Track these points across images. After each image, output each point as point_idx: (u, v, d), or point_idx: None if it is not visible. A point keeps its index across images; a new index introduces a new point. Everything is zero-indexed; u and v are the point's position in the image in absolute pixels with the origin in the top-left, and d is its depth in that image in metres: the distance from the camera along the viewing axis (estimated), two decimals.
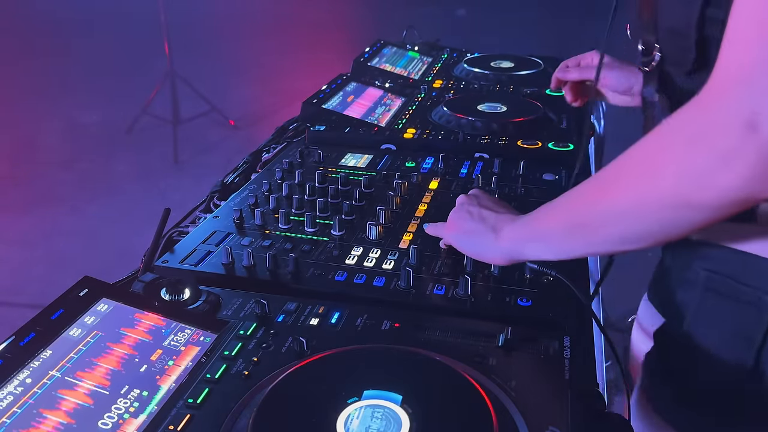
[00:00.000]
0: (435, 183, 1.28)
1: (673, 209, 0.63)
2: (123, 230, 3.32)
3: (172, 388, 0.74)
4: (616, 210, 0.68)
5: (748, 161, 0.56)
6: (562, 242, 0.77)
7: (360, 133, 1.53)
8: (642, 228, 0.68)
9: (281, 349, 0.80)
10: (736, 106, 0.56)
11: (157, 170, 4.11)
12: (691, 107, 0.61)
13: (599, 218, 0.71)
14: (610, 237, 0.71)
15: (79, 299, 0.85)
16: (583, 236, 0.74)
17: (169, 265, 1.00)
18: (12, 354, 0.75)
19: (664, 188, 0.63)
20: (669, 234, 0.68)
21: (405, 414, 0.68)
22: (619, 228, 0.70)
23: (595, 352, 0.93)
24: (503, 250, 0.85)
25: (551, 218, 0.79)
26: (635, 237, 0.69)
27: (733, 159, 0.57)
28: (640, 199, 0.65)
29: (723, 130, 0.57)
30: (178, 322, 0.84)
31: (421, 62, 2.14)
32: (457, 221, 0.93)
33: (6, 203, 3.66)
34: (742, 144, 0.56)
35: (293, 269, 0.97)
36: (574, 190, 0.75)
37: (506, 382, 0.74)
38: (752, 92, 0.55)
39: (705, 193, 0.60)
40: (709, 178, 0.59)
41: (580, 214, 0.74)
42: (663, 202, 0.63)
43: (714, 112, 0.58)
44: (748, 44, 0.56)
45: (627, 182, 0.67)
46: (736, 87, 0.57)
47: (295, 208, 1.16)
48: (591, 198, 0.72)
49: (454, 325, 0.85)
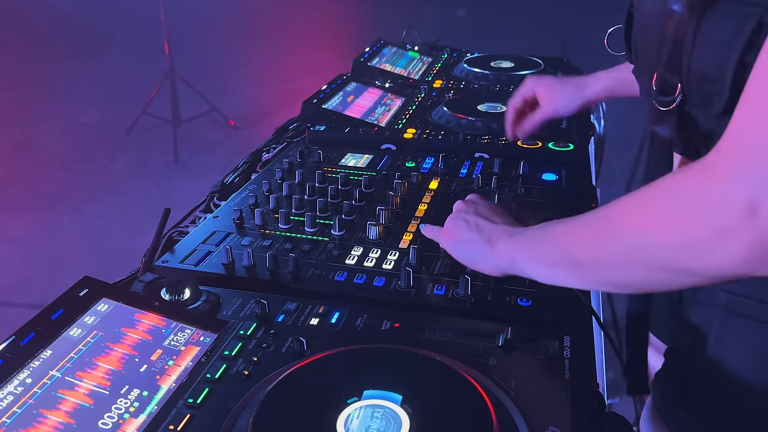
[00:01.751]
0: (435, 183, 1.28)
1: (665, 271, 0.64)
2: (123, 230, 3.33)
3: (172, 388, 0.74)
4: (610, 259, 0.69)
5: (745, 243, 0.56)
6: (553, 272, 0.77)
7: (360, 133, 1.53)
8: (632, 280, 0.69)
9: (281, 349, 0.80)
10: (738, 186, 0.55)
11: (157, 170, 4.11)
12: (697, 175, 0.60)
13: (591, 262, 0.71)
14: (600, 280, 0.73)
15: (79, 299, 0.85)
16: (574, 273, 0.74)
17: (169, 265, 1.00)
18: (12, 354, 0.75)
19: (659, 250, 0.63)
20: (661, 288, 0.70)
21: (405, 414, 0.68)
22: (609, 275, 0.70)
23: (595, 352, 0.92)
24: (497, 263, 0.84)
25: (545, 246, 0.78)
26: (626, 286, 0.71)
27: (730, 239, 0.56)
28: (634, 255, 0.66)
29: (724, 208, 0.56)
30: (178, 322, 0.84)
31: (421, 62, 2.14)
32: (453, 229, 0.92)
33: (6, 203, 3.66)
34: (740, 225, 0.55)
35: (293, 269, 0.97)
36: (572, 223, 0.74)
37: (506, 382, 0.74)
38: (756, 177, 0.54)
39: (698, 265, 0.60)
40: (704, 252, 0.59)
41: (573, 252, 0.73)
42: (656, 262, 0.64)
43: (717, 188, 0.57)
44: (758, 126, 0.55)
45: (623, 234, 0.67)
46: (741, 167, 0.56)
47: (295, 208, 1.16)
48: (586, 240, 0.72)
49: (454, 325, 0.85)
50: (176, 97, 4.44)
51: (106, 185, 3.90)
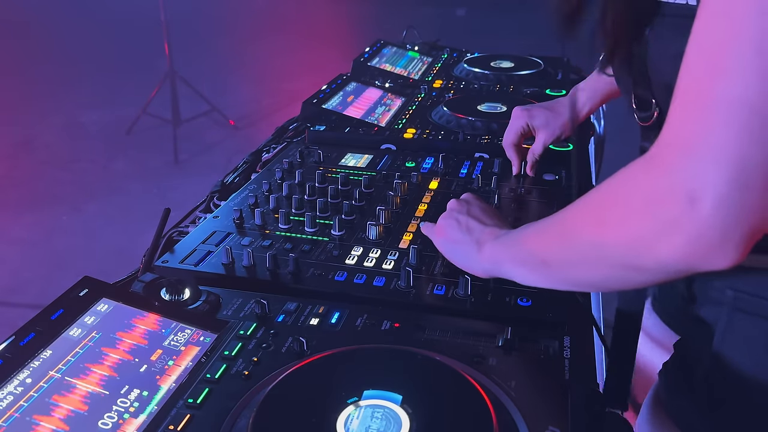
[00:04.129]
0: (435, 183, 1.28)
1: (620, 269, 0.64)
2: (123, 230, 3.33)
3: (172, 388, 0.74)
4: (571, 258, 0.70)
5: (687, 235, 0.55)
6: (527, 273, 0.78)
7: (360, 133, 1.53)
8: (594, 279, 0.70)
9: (281, 349, 0.80)
10: (677, 178, 0.55)
11: (157, 170, 4.11)
12: (640, 167, 0.61)
13: (556, 262, 0.73)
14: (566, 279, 0.73)
15: (79, 299, 0.85)
16: (543, 273, 0.75)
17: (169, 265, 1.00)
18: (12, 354, 0.75)
19: (609, 248, 0.64)
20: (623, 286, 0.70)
21: (405, 414, 0.68)
22: (574, 274, 0.71)
23: (595, 352, 0.92)
24: (483, 266, 0.85)
25: (519, 248, 0.80)
26: (591, 284, 0.72)
27: (673, 230, 0.56)
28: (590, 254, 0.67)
29: (665, 200, 0.56)
30: (178, 322, 0.84)
31: (421, 62, 2.14)
32: (444, 228, 0.93)
33: (6, 203, 3.66)
34: (681, 217, 0.55)
35: (293, 269, 0.97)
36: (539, 225, 0.76)
37: (506, 382, 0.74)
38: (693, 166, 0.54)
39: (647, 260, 0.60)
40: (649, 246, 0.59)
41: (539, 253, 0.75)
42: (609, 260, 0.65)
43: (659, 180, 0.58)
44: (690, 117, 0.55)
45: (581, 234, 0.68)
46: (680, 157, 0.56)
47: (295, 208, 1.16)
48: (550, 242, 0.74)
49: (454, 325, 0.85)
50: (176, 97, 4.44)
51: (106, 185, 3.90)
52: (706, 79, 0.54)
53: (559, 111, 1.28)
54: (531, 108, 1.29)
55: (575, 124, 1.27)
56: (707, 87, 0.54)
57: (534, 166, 1.29)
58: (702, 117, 0.54)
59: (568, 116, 1.26)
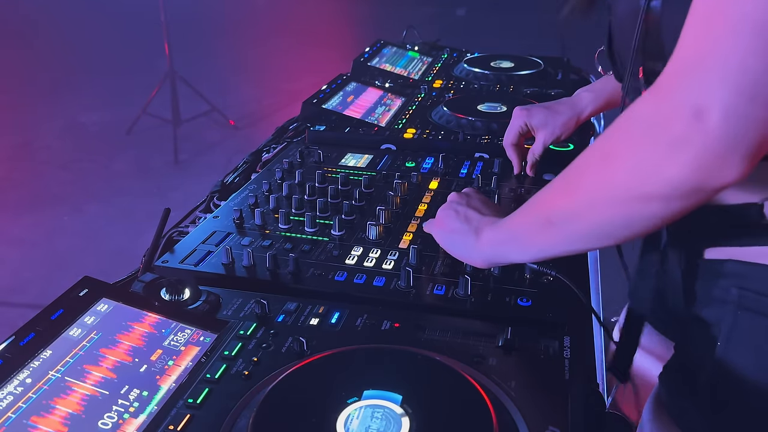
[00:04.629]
0: (435, 183, 1.28)
1: (626, 203, 0.63)
2: (123, 230, 3.33)
3: (172, 388, 0.74)
4: (576, 207, 0.69)
5: (695, 150, 0.56)
6: (533, 242, 0.77)
7: (360, 133, 1.53)
8: (602, 224, 0.68)
9: (281, 349, 0.80)
10: (683, 96, 0.56)
11: (157, 170, 4.11)
12: (645, 97, 0.61)
13: (562, 215, 0.72)
14: (574, 233, 0.72)
15: (79, 299, 0.85)
16: (551, 234, 0.74)
17: (169, 265, 1.00)
18: (12, 354, 0.75)
19: (616, 182, 0.63)
20: (630, 230, 0.68)
21: (405, 414, 0.68)
22: (581, 224, 0.70)
23: (595, 352, 0.93)
24: (482, 253, 0.85)
25: (522, 218, 0.79)
26: (598, 233, 0.70)
27: (680, 148, 0.57)
28: (595, 195, 0.66)
29: (670, 120, 0.57)
30: (178, 322, 0.84)
31: (421, 62, 2.14)
32: (443, 219, 0.93)
33: (6, 203, 3.66)
34: (688, 133, 0.56)
35: (293, 269, 0.97)
36: (543, 189, 0.76)
37: (506, 382, 0.74)
38: (699, 82, 0.55)
39: (653, 184, 0.60)
40: (656, 169, 0.59)
41: (545, 211, 0.74)
42: (615, 196, 0.64)
43: (663, 102, 0.58)
44: (697, 36, 0.57)
45: (583, 178, 0.68)
46: (684, 77, 0.57)
47: (295, 208, 1.16)
48: (554, 196, 0.73)
49: (454, 325, 0.85)
50: (176, 97, 4.44)
51: (107, 185, 3.90)
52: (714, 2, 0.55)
53: (559, 111, 1.27)
54: (530, 108, 1.28)
55: (577, 124, 1.26)
56: (715, 8, 0.55)
57: (534, 166, 1.29)
58: (709, 35, 0.55)
59: (568, 116, 1.26)
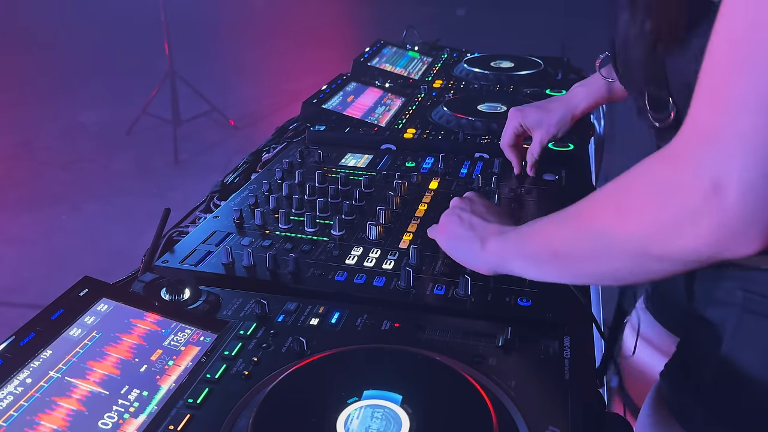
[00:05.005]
0: (435, 183, 1.28)
1: (636, 258, 0.64)
2: (123, 230, 3.33)
3: (172, 388, 0.74)
4: (583, 251, 0.70)
5: (711, 223, 0.56)
6: (539, 267, 0.78)
7: (360, 133, 1.53)
8: (608, 271, 0.69)
9: (281, 349, 0.80)
10: (701, 167, 0.56)
11: (157, 170, 4.11)
12: (662, 158, 0.61)
13: (569, 254, 0.72)
14: (581, 272, 0.73)
15: (79, 299, 0.85)
16: (555, 266, 0.75)
17: (169, 265, 1.00)
18: (12, 354, 0.75)
19: (628, 237, 0.64)
20: (634, 279, 0.69)
21: (405, 414, 0.68)
22: (586, 266, 0.71)
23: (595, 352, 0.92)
24: (488, 262, 0.85)
25: (529, 241, 0.79)
26: (604, 276, 0.71)
27: (696, 219, 0.57)
28: (605, 244, 0.67)
29: (690, 190, 0.57)
30: (178, 322, 0.84)
31: (421, 62, 2.14)
32: (447, 225, 0.93)
33: (6, 203, 3.66)
34: (705, 205, 0.56)
35: (293, 269, 0.97)
36: (553, 218, 0.76)
37: (506, 382, 0.74)
38: (716, 155, 0.55)
39: (666, 248, 0.60)
40: (671, 235, 0.59)
41: (552, 245, 0.75)
42: (626, 249, 0.64)
43: (681, 170, 0.58)
44: (715, 106, 0.56)
45: (598, 225, 0.68)
46: (701, 148, 0.56)
47: (295, 208, 1.16)
48: (564, 233, 0.73)
49: (454, 325, 0.85)
50: (176, 97, 4.44)
51: (106, 185, 3.90)
52: (731, 71, 0.54)
53: (553, 108, 1.27)
54: (524, 108, 1.28)
55: (573, 120, 1.26)
56: (732, 79, 0.54)
57: (534, 166, 1.29)
58: (727, 107, 0.55)
59: (562, 113, 1.25)
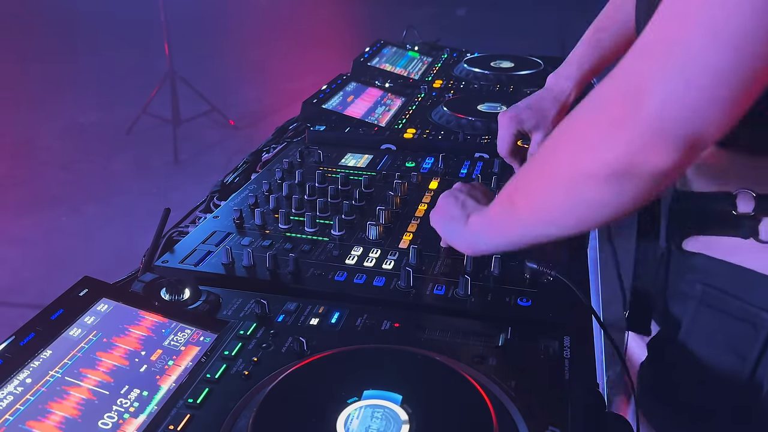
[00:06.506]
0: (435, 183, 1.28)
1: (567, 182, 0.65)
2: (123, 230, 3.33)
3: (172, 388, 0.74)
4: (530, 185, 0.72)
5: (630, 131, 0.58)
6: (501, 226, 0.79)
7: (360, 133, 1.53)
8: (550, 205, 0.70)
9: (281, 349, 0.80)
10: (625, 78, 0.59)
11: (157, 170, 4.11)
12: (598, 85, 0.64)
13: (520, 195, 0.74)
14: (533, 214, 0.73)
15: (79, 299, 0.85)
16: (511, 218, 0.76)
17: (169, 265, 1.00)
18: (12, 354, 0.75)
19: (561, 160, 0.66)
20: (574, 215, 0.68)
21: (405, 414, 0.68)
22: (536, 202, 0.72)
23: (595, 352, 0.92)
24: (466, 239, 0.86)
25: (495, 202, 0.81)
26: (553, 213, 0.71)
27: (617, 129, 0.58)
28: (544, 173, 0.69)
29: (612, 101, 0.59)
30: (178, 322, 0.84)
31: (421, 62, 2.14)
32: (443, 205, 0.94)
33: (6, 203, 3.66)
34: (625, 114, 0.57)
35: (293, 269, 0.97)
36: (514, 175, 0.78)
37: (506, 382, 0.74)
38: (641, 66, 0.57)
39: (589, 163, 0.62)
40: (593, 148, 0.61)
41: (510, 193, 0.77)
42: (559, 174, 0.66)
43: (609, 86, 0.61)
44: (656, 21, 0.58)
45: (543, 156, 0.71)
46: (633, 59, 0.59)
47: (295, 208, 1.16)
48: (517, 176, 0.76)
49: (454, 325, 0.85)
50: (176, 97, 4.44)
51: (106, 185, 3.90)
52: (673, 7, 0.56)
53: (547, 107, 1.25)
54: (518, 113, 1.22)
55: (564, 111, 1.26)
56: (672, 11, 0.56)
57: None
58: (662, 23, 0.57)
59: (556, 110, 1.25)
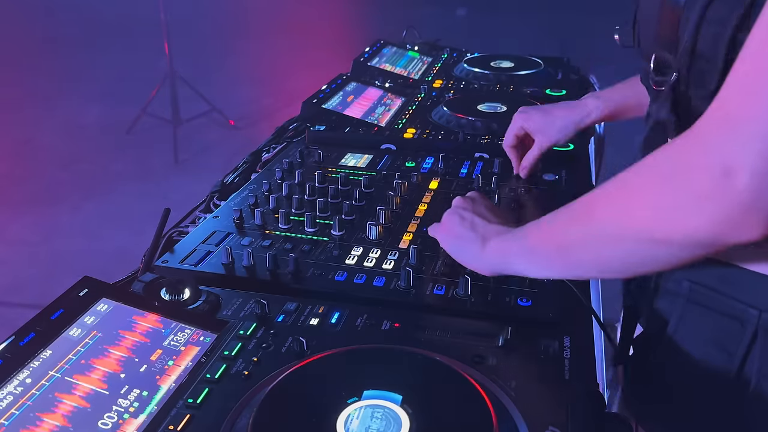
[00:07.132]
0: (435, 183, 1.28)
1: (637, 242, 0.65)
2: (123, 230, 3.32)
3: (172, 388, 0.74)
4: (591, 237, 0.70)
5: (720, 207, 0.57)
6: (544, 262, 0.78)
7: (360, 133, 1.53)
8: (614, 258, 0.69)
9: (281, 349, 0.80)
10: (717, 148, 0.57)
11: (157, 170, 4.11)
12: (675, 145, 0.62)
13: (576, 243, 0.72)
14: (585, 263, 0.73)
15: (79, 299, 0.85)
16: (562, 259, 0.75)
17: (169, 265, 1.00)
18: (12, 354, 0.75)
19: (631, 219, 0.64)
20: (642, 268, 0.70)
21: (405, 414, 0.68)
22: (593, 255, 0.71)
23: (595, 352, 0.93)
24: (489, 262, 0.85)
25: (535, 237, 0.79)
26: (609, 266, 0.71)
27: (705, 202, 0.57)
28: (613, 230, 0.67)
29: (699, 172, 0.58)
30: (178, 322, 0.84)
31: (421, 62, 2.14)
32: (449, 224, 0.93)
33: (6, 203, 3.66)
34: (715, 189, 0.56)
35: (293, 269, 0.97)
36: (560, 211, 0.76)
37: (506, 382, 0.74)
38: (734, 140, 0.56)
39: (670, 231, 0.61)
40: (676, 216, 0.60)
41: (560, 236, 0.75)
42: (633, 235, 0.65)
43: (693, 153, 0.59)
44: (740, 94, 0.57)
45: (604, 210, 0.69)
46: (722, 129, 0.57)
47: (295, 208, 1.16)
48: (571, 222, 0.74)
49: (454, 325, 0.85)
50: (176, 97, 4.44)
51: (106, 185, 3.89)
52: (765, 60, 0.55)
53: (558, 115, 1.25)
54: (529, 111, 1.26)
55: (577, 129, 1.25)
56: (761, 69, 0.55)
57: (527, 169, 1.27)
58: (754, 94, 0.55)
59: (566, 121, 1.24)
